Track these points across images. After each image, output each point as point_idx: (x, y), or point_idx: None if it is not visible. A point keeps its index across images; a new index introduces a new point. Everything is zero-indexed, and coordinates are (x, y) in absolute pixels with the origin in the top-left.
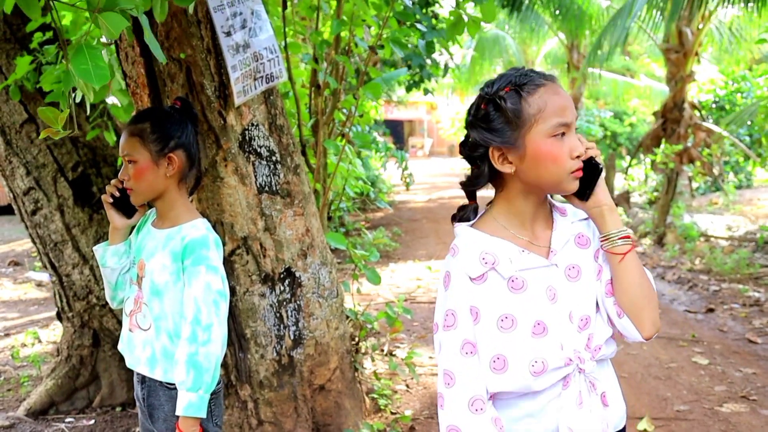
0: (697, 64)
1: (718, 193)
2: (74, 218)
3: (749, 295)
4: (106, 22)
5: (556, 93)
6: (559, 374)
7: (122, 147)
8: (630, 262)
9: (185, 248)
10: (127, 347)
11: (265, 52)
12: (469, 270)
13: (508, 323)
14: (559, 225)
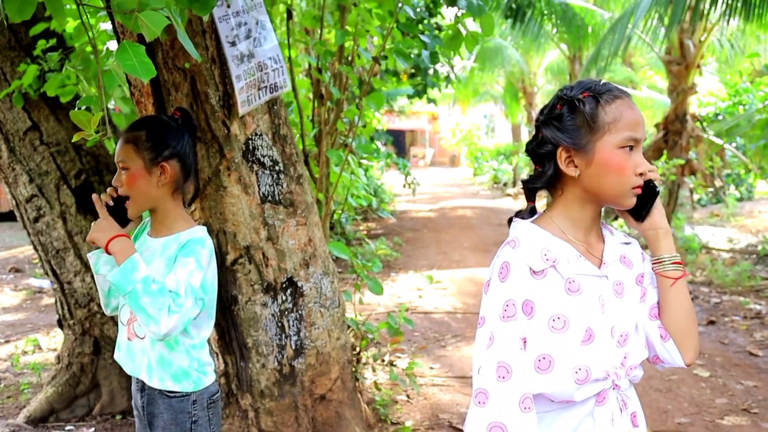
0: (699, 76)
1: (720, 205)
2: (76, 226)
3: (750, 307)
4: (146, 20)
5: (631, 108)
6: (597, 387)
7: (117, 153)
8: (680, 288)
9: (182, 247)
10: (127, 356)
11: (270, 62)
12: (531, 262)
13: (560, 324)
14: (609, 240)
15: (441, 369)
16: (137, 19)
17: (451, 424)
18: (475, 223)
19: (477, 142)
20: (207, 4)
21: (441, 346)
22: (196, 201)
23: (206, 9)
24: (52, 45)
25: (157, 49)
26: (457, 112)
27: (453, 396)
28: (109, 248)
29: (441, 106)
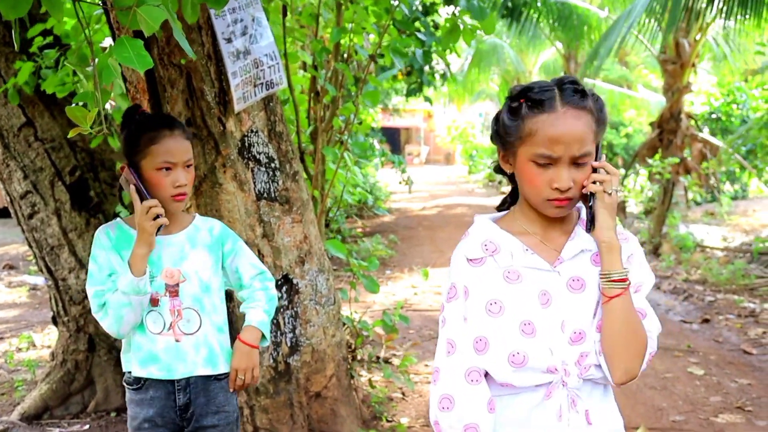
0: (693, 75)
1: (714, 203)
2: (71, 222)
3: (744, 305)
4: (145, 15)
5: (553, 125)
6: (539, 378)
7: (181, 152)
8: (615, 307)
9: (219, 237)
10: (176, 359)
11: (266, 58)
12: (468, 252)
13: (496, 308)
14: (578, 236)
15: None
16: (135, 14)
17: None
18: (471, 220)
19: (472, 140)
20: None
21: (436, 344)
22: (191, 198)
23: (221, 3)
24: (49, 42)
25: (153, 45)
26: (452, 110)
27: None
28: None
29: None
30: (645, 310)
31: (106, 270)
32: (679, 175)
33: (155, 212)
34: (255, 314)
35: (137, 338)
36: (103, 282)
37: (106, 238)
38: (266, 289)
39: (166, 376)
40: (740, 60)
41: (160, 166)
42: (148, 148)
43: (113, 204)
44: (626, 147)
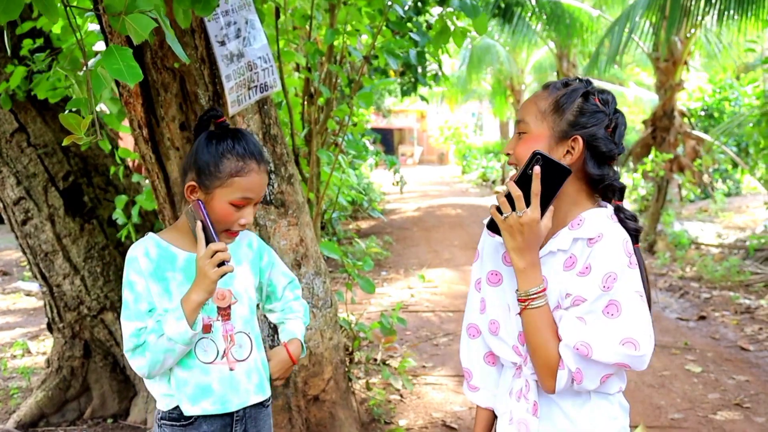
0: (686, 73)
1: (708, 200)
2: (65, 228)
3: (740, 302)
4: (133, 23)
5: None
6: (509, 354)
7: (261, 189)
8: (525, 320)
9: (258, 251)
10: (230, 390)
11: (259, 61)
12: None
13: (495, 279)
14: (559, 236)
15: (433, 367)
16: (124, 21)
17: (445, 422)
18: (465, 221)
19: (465, 140)
20: (209, 4)
21: (433, 345)
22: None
23: (208, 10)
24: (39, 45)
25: (146, 49)
26: (445, 110)
27: (446, 395)
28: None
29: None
30: (584, 319)
31: (145, 302)
32: (673, 173)
33: (221, 258)
34: (297, 326)
35: (180, 373)
36: (141, 317)
37: (145, 260)
38: (299, 299)
39: (220, 410)
40: (731, 57)
41: (236, 202)
42: (231, 179)
43: (107, 209)
44: None
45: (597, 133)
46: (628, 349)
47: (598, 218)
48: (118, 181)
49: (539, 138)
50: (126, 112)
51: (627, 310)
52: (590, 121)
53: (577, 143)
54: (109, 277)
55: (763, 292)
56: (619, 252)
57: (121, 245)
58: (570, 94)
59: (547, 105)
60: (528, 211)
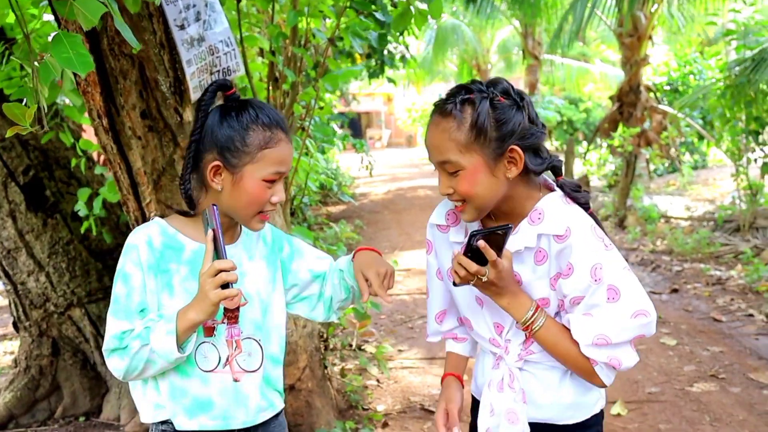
0: (651, 47)
1: (676, 174)
2: (27, 224)
3: (711, 274)
4: (83, 8)
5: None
6: (487, 345)
7: (291, 161)
8: (538, 341)
9: (275, 243)
10: (236, 404)
11: (221, 45)
12: (433, 218)
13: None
14: (520, 232)
15: (410, 351)
16: (72, 6)
17: (423, 406)
18: (435, 202)
19: None
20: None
21: (409, 328)
22: (151, 192)
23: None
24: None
25: (102, 35)
26: (411, 92)
27: (423, 378)
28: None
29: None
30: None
31: (137, 299)
32: (641, 147)
33: (224, 279)
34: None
35: (178, 381)
36: (130, 316)
37: (147, 249)
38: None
39: (221, 426)
40: (695, 31)
41: (269, 177)
42: (261, 153)
43: (71, 203)
44: (586, 122)
45: (524, 131)
46: (640, 320)
47: (555, 207)
48: (80, 174)
49: (476, 169)
50: (84, 101)
51: (625, 288)
52: (512, 125)
53: (516, 152)
54: (75, 273)
55: (733, 263)
56: (593, 241)
57: (87, 239)
58: (480, 112)
59: (466, 135)
60: (490, 272)
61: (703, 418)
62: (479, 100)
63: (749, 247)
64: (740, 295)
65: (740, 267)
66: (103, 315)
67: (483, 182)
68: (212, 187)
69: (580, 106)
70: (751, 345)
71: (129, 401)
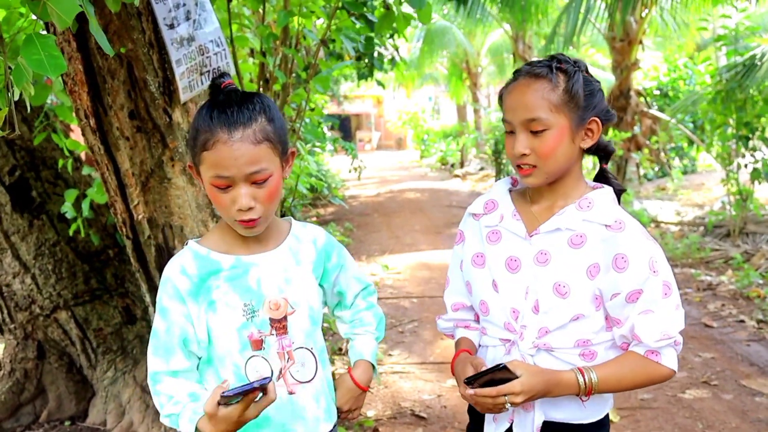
0: (641, 52)
1: (665, 179)
2: (13, 225)
3: (702, 279)
4: (56, 8)
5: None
6: (500, 332)
7: (240, 163)
8: (604, 390)
9: (324, 250)
10: (293, 416)
11: (211, 45)
12: (472, 207)
13: (480, 260)
14: (564, 214)
15: (400, 356)
16: (45, 6)
17: (414, 412)
18: (425, 205)
19: (423, 125)
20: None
21: (399, 332)
22: (139, 194)
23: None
24: None
25: (89, 33)
26: (401, 94)
27: (414, 383)
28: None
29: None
30: (651, 308)
31: (177, 332)
32: (631, 152)
33: (217, 400)
34: (366, 344)
35: None
36: (168, 353)
37: (183, 278)
38: (373, 308)
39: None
40: (686, 36)
41: (215, 182)
42: (202, 155)
43: (57, 204)
44: None
45: (605, 107)
46: (681, 312)
47: (606, 201)
48: (67, 175)
49: (562, 132)
50: (71, 101)
51: (673, 284)
52: (596, 99)
53: (595, 124)
54: (61, 275)
55: (724, 269)
56: (647, 237)
57: (74, 241)
58: (575, 80)
59: (559, 97)
60: (514, 386)
61: (696, 426)
62: (573, 70)
63: (739, 253)
64: (731, 301)
65: (731, 272)
66: (90, 318)
67: (564, 145)
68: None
69: None
70: (742, 351)
71: (115, 405)
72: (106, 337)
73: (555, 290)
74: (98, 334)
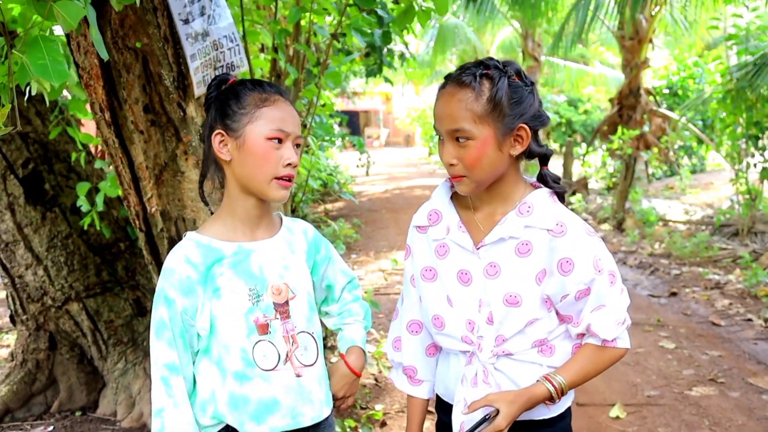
0: (651, 51)
1: (674, 177)
2: (26, 217)
3: (710, 278)
4: (62, 11)
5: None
6: (458, 344)
7: (296, 124)
8: (574, 385)
9: (314, 242)
10: (302, 399)
11: (225, 40)
12: (416, 219)
13: (430, 274)
14: (507, 222)
15: None
16: (52, 9)
17: None
18: None
19: (431, 122)
20: None
21: None
22: (153, 187)
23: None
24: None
25: (106, 28)
26: (410, 91)
27: None
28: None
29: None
30: (602, 302)
31: (179, 325)
32: (640, 150)
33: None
34: (357, 332)
35: (238, 389)
36: (179, 344)
37: (188, 268)
38: (359, 300)
39: (292, 426)
40: (696, 34)
41: (272, 135)
42: (258, 111)
43: (70, 196)
44: (585, 124)
45: (535, 113)
46: (624, 293)
47: (544, 203)
48: (80, 168)
49: (486, 142)
50: (87, 95)
51: (616, 270)
52: (525, 105)
53: (524, 131)
54: (73, 267)
55: (731, 268)
56: (588, 236)
57: (85, 233)
58: (499, 87)
59: (483, 107)
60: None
61: (703, 423)
62: (498, 77)
63: (747, 252)
64: (739, 300)
65: (738, 271)
66: (101, 309)
67: (489, 155)
68: (223, 161)
69: (579, 107)
70: (749, 350)
71: (125, 396)
72: (117, 329)
73: (506, 301)
74: (109, 325)
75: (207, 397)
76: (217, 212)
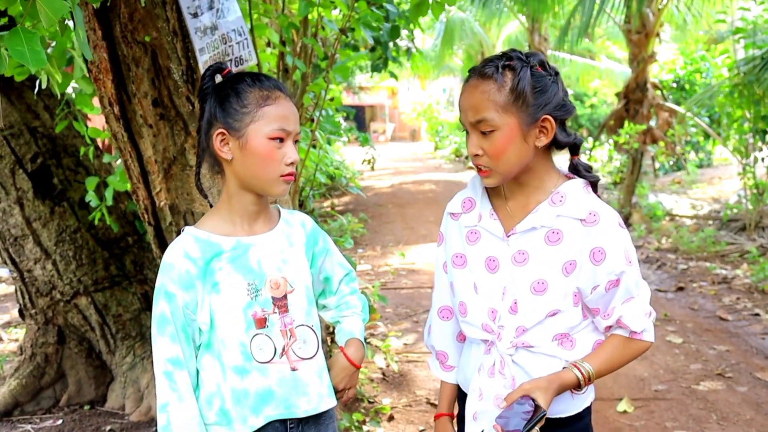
0: (658, 45)
1: (681, 172)
2: (35, 211)
3: (717, 272)
4: (45, 6)
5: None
6: (478, 333)
7: (296, 121)
8: (601, 374)
9: (312, 234)
10: (296, 391)
11: (234, 34)
12: (450, 206)
13: (460, 261)
14: (538, 211)
15: (415, 345)
16: (34, 3)
17: (429, 400)
18: (440, 197)
19: (437, 116)
20: None
21: (414, 322)
22: (161, 181)
23: None
24: (4, 24)
25: (115, 22)
26: (416, 86)
27: (428, 372)
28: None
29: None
30: (631, 294)
31: (180, 319)
32: (647, 145)
33: None
34: (355, 324)
35: (238, 384)
36: (182, 339)
37: (187, 262)
38: (356, 292)
39: (285, 415)
40: (702, 28)
41: (274, 135)
42: (261, 110)
43: (78, 191)
44: (591, 118)
45: (558, 103)
46: (645, 284)
47: (577, 193)
48: (88, 162)
49: (512, 132)
50: (96, 89)
51: (637, 263)
52: (549, 95)
53: (549, 122)
54: (81, 261)
55: (739, 262)
56: (621, 228)
57: (94, 228)
58: (521, 77)
59: (505, 97)
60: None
61: (710, 417)
62: (520, 68)
63: (755, 247)
64: (746, 294)
65: (746, 266)
66: (109, 304)
67: (514, 145)
68: (223, 159)
69: (585, 101)
70: (757, 344)
71: (134, 390)
72: (125, 323)
73: (533, 289)
74: (117, 319)
75: (213, 390)
76: (215, 206)
